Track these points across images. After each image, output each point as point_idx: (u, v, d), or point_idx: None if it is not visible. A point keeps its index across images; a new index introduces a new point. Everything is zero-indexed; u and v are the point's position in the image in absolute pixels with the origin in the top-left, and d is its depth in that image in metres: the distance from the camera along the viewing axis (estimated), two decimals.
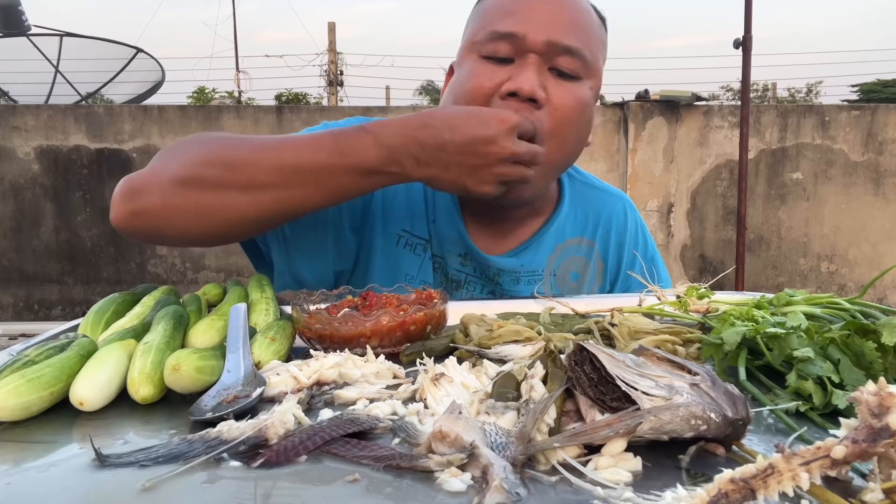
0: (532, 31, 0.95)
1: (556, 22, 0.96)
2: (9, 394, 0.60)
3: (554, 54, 0.96)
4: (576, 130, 1.01)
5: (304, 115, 5.73)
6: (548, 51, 0.96)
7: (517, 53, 0.97)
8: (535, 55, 0.96)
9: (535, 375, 0.57)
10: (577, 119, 0.99)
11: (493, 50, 0.97)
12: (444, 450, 0.50)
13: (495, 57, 0.97)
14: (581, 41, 0.98)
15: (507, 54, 0.97)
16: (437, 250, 1.11)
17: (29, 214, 5.69)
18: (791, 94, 20.65)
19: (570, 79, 0.98)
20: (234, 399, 0.62)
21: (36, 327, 4.85)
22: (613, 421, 0.49)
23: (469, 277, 1.12)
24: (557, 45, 0.96)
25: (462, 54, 1.04)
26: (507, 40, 0.96)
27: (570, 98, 0.97)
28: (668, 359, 0.56)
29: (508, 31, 0.96)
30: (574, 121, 0.99)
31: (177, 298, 0.91)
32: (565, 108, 0.97)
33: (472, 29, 1.04)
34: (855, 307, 0.77)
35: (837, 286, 5.73)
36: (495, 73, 0.97)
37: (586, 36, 1.00)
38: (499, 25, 0.97)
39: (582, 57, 0.98)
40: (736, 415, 0.50)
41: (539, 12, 0.97)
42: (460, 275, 1.12)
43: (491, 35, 0.97)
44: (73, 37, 9.52)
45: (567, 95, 0.97)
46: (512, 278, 1.12)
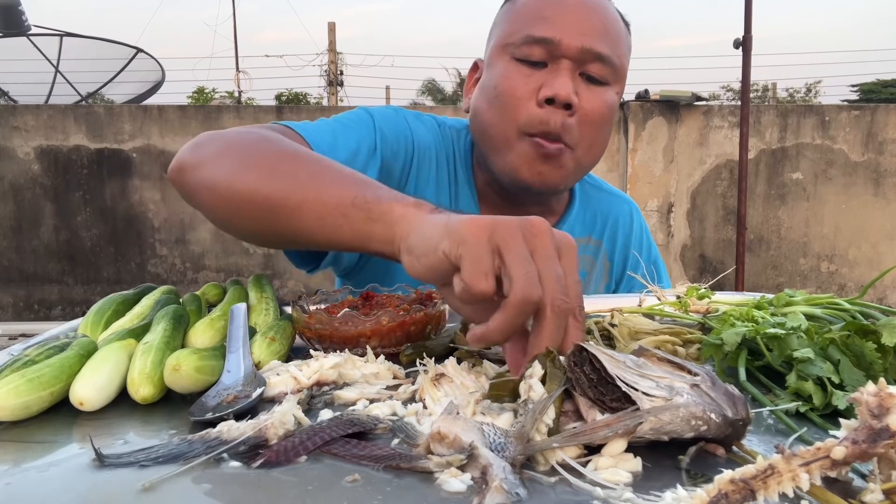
0: (566, 37, 0.98)
1: (588, 29, 0.99)
2: (9, 394, 0.60)
3: (586, 61, 1.00)
4: (603, 134, 1.06)
5: (304, 115, 5.73)
6: (581, 57, 0.99)
7: (550, 58, 0.99)
8: (569, 61, 0.99)
9: (533, 375, 0.57)
10: (605, 123, 1.05)
11: (527, 53, 1.00)
12: (443, 451, 0.50)
13: (529, 60, 1.00)
14: (611, 48, 1.02)
15: (540, 58, 1.00)
16: None
17: (29, 214, 5.69)
18: (790, 95, 20.65)
19: (600, 84, 1.02)
20: (234, 399, 0.62)
21: (36, 327, 4.85)
22: (613, 421, 0.49)
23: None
24: (590, 52, 0.99)
25: (493, 53, 1.06)
26: (542, 45, 0.99)
27: (599, 103, 1.02)
28: (668, 359, 0.56)
29: (544, 37, 0.98)
30: (602, 125, 1.04)
31: (177, 298, 0.91)
32: (595, 112, 1.01)
33: (504, 30, 1.05)
34: (855, 307, 0.77)
35: (837, 286, 5.73)
36: (529, 76, 1.00)
37: (616, 43, 1.03)
38: (534, 30, 0.99)
39: (612, 64, 1.02)
40: (736, 415, 0.50)
41: (573, 18, 0.99)
42: None
43: (525, 38, 1.00)
44: (73, 37, 9.52)
45: (597, 100, 1.01)
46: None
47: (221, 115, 5.77)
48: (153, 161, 5.66)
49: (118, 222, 5.73)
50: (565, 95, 0.97)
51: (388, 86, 14.13)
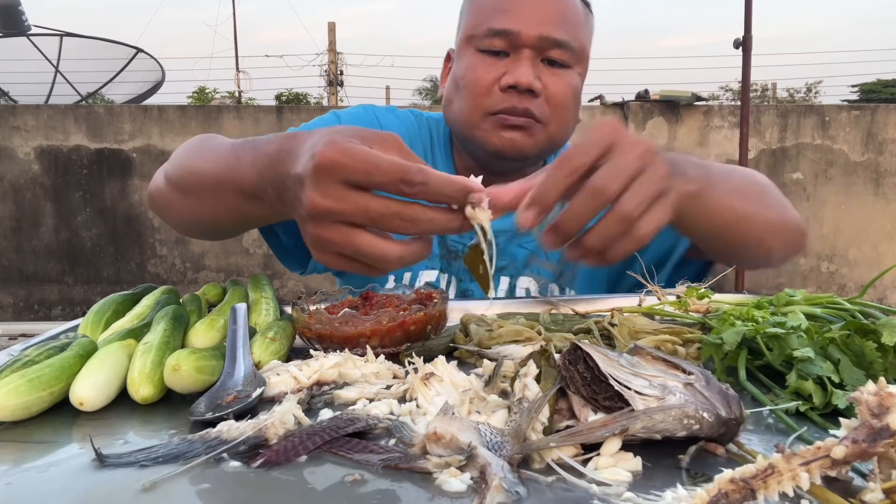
0: (525, 27, 1.04)
1: (546, 17, 1.05)
2: (9, 394, 0.60)
3: (546, 48, 1.05)
4: (570, 113, 1.12)
5: (305, 115, 5.74)
6: (540, 45, 1.05)
7: (512, 48, 1.06)
8: (529, 49, 1.05)
9: (528, 374, 0.57)
10: (570, 103, 1.10)
11: (490, 45, 1.06)
12: (440, 451, 0.50)
13: (492, 51, 1.07)
14: (569, 33, 1.07)
15: (502, 48, 1.06)
16: None
17: (29, 214, 5.69)
18: (790, 95, 20.63)
19: (562, 67, 1.08)
20: (234, 399, 0.62)
21: (36, 327, 4.85)
22: (610, 421, 0.49)
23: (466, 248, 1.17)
24: (548, 39, 1.05)
25: (460, 45, 1.13)
26: (503, 36, 1.05)
27: (563, 86, 1.08)
28: (662, 358, 0.56)
29: (503, 28, 1.05)
30: (568, 105, 1.10)
31: (177, 298, 0.91)
32: (559, 94, 1.07)
33: (469, 22, 1.12)
34: (855, 307, 0.77)
35: (837, 286, 5.73)
36: (493, 66, 1.06)
37: (574, 26, 1.08)
38: (494, 22, 1.05)
39: (571, 48, 1.07)
40: (729, 414, 0.50)
41: (530, 8, 1.05)
42: (458, 245, 1.19)
43: (487, 31, 1.06)
44: (73, 37, 9.52)
45: (560, 83, 1.07)
46: (507, 237, 1.18)
47: (221, 114, 5.78)
48: (153, 161, 5.66)
49: (118, 222, 5.73)
50: (526, 82, 1.03)
51: (388, 86, 14.13)
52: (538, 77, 1.05)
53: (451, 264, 1.19)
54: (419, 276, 1.19)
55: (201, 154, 0.86)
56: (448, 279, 1.19)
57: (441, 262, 1.20)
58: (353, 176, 0.58)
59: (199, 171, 0.84)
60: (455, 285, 1.19)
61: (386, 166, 0.58)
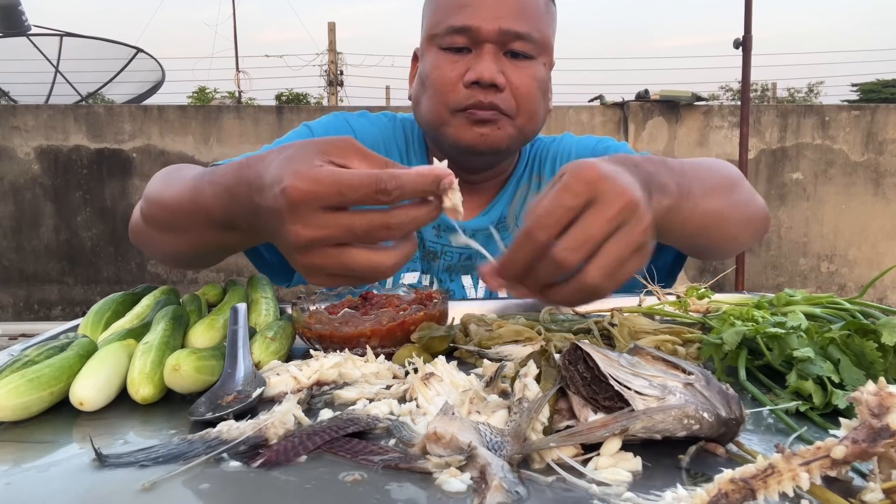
0: (484, 22, 1.05)
1: (504, 11, 1.05)
2: (9, 394, 0.60)
3: (507, 41, 1.06)
4: (537, 103, 1.12)
5: (304, 115, 5.74)
6: (501, 39, 1.05)
7: (473, 44, 1.06)
8: (490, 44, 1.06)
9: (528, 374, 0.57)
10: (536, 94, 1.10)
11: (451, 42, 1.07)
12: (440, 451, 0.50)
13: (453, 48, 1.08)
14: (530, 24, 1.07)
15: (464, 44, 1.07)
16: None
17: (29, 214, 5.69)
18: (791, 95, 20.62)
19: (525, 59, 1.08)
20: (234, 399, 0.62)
21: (36, 327, 4.85)
22: (610, 421, 0.49)
23: (445, 248, 1.21)
24: (509, 33, 1.05)
25: (424, 44, 1.14)
26: (463, 33, 1.06)
27: (527, 78, 1.08)
28: (662, 358, 0.56)
29: (463, 25, 1.05)
30: (534, 96, 1.10)
31: (177, 298, 0.91)
32: (524, 86, 1.08)
33: (430, 21, 1.12)
34: (855, 307, 0.77)
35: (837, 286, 5.73)
36: (456, 63, 1.07)
37: (535, 17, 1.08)
38: (454, 20, 1.06)
39: (532, 39, 1.07)
40: (730, 414, 0.50)
41: (489, 2, 1.05)
42: (436, 245, 1.21)
43: (448, 29, 1.07)
44: (73, 37, 9.51)
45: (524, 76, 1.08)
46: (485, 235, 1.18)
47: (221, 114, 5.78)
48: (153, 161, 5.66)
49: (118, 222, 5.73)
50: (489, 77, 1.04)
51: (388, 86, 14.11)
52: (501, 71, 1.05)
53: (431, 265, 1.20)
54: (401, 278, 1.20)
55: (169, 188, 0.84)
56: (430, 280, 1.21)
57: (421, 263, 1.21)
58: (328, 201, 0.57)
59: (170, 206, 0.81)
60: (437, 286, 1.20)
61: (357, 182, 0.57)
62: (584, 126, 5.65)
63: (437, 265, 1.21)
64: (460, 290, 1.21)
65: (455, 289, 1.20)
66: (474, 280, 1.21)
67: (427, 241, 1.21)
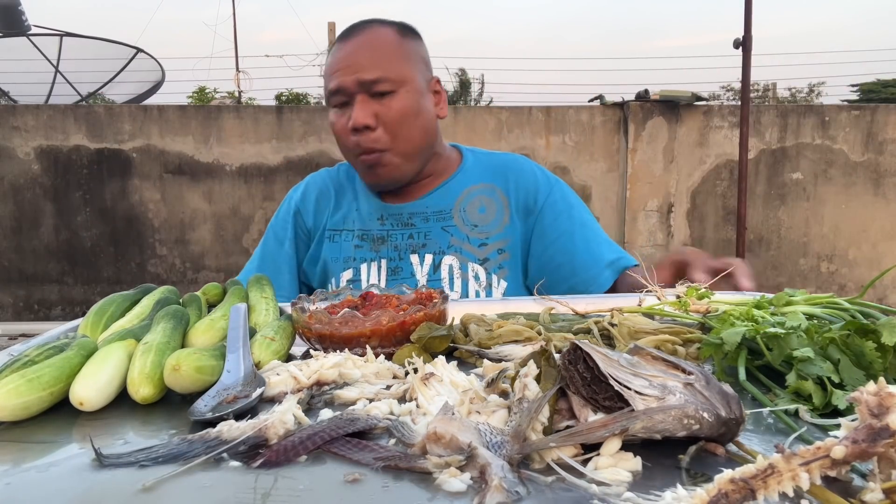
0: (345, 80, 1.27)
1: (356, 66, 1.27)
2: (9, 394, 0.60)
3: (367, 87, 1.27)
4: (411, 128, 1.30)
5: (304, 115, 5.73)
6: (362, 88, 1.27)
7: (349, 97, 1.29)
8: (359, 94, 1.27)
9: (528, 374, 0.57)
10: (406, 121, 1.29)
11: (336, 101, 1.31)
12: (440, 451, 0.50)
13: (338, 105, 1.31)
14: (382, 67, 1.27)
15: (344, 100, 1.30)
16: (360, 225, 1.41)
17: (29, 214, 5.68)
18: (792, 94, 20.59)
19: (390, 94, 1.28)
20: (234, 399, 0.62)
21: (36, 327, 4.85)
22: (610, 421, 0.49)
23: (390, 232, 1.39)
24: (365, 81, 1.26)
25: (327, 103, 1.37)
26: (338, 94, 1.29)
27: (393, 111, 1.28)
28: (662, 358, 0.56)
29: (334, 88, 1.29)
30: (405, 123, 1.29)
31: (177, 298, 0.91)
32: (392, 118, 1.28)
33: (324, 88, 1.36)
34: (855, 307, 0.77)
35: (837, 286, 5.73)
36: (342, 116, 1.31)
37: (385, 60, 1.28)
38: (331, 84, 1.30)
39: (386, 79, 1.27)
40: (729, 414, 0.50)
41: (345, 63, 1.29)
42: (382, 231, 1.39)
43: (329, 93, 1.32)
44: (73, 37, 9.50)
45: (389, 109, 1.28)
46: (421, 218, 1.38)
47: (221, 114, 5.77)
48: (153, 161, 5.66)
49: (118, 222, 5.73)
50: (360, 122, 1.26)
51: None
52: (374, 113, 1.26)
53: (380, 249, 1.38)
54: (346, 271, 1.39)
55: None
56: (378, 264, 1.37)
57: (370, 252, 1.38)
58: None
59: None
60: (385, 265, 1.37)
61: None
62: (584, 126, 5.65)
63: (385, 248, 1.38)
64: (408, 266, 1.36)
65: (404, 266, 1.36)
66: (421, 258, 1.36)
67: (374, 231, 1.39)
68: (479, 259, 1.36)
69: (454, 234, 1.36)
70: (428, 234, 1.37)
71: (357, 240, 1.41)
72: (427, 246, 1.37)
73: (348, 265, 1.39)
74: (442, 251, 1.36)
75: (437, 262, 1.36)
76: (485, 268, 1.35)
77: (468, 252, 1.36)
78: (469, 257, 1.36)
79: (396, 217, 1.39)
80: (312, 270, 1.47)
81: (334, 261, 1.41)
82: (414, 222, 1.39)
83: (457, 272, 1.35)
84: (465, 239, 1.36)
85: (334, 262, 1.41)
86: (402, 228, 1.39)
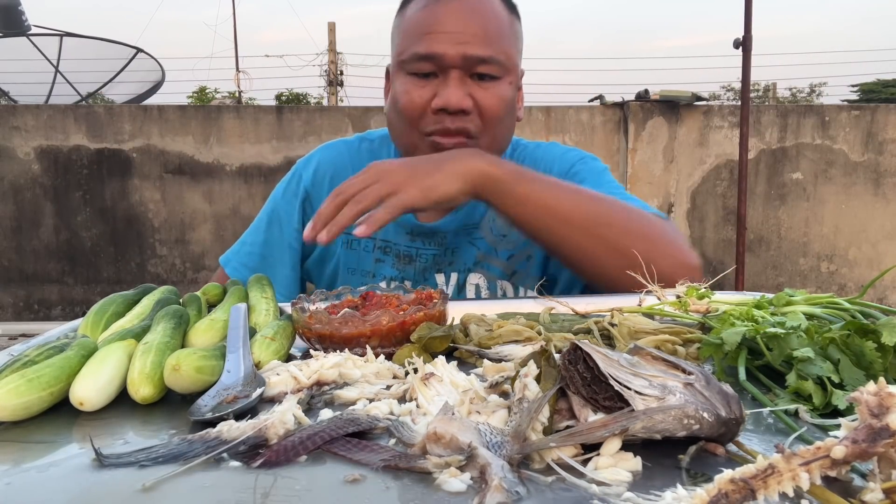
0: (448, 48, 1.07)
1: (467, 36, 1.07)
2: (9, 394, 0.60)
3: (472, 65, 1.08)
4: (505, 124, 1.15)
5: (305, 115, 5.74)
6: (465, 64, 1.08)
7: (439, 69, 1.09)
8: (456, 69, 1.08)
9: (528, 374, 0.57)
10: (504, 115, 1.13)
11: (418, 68, 1.10)
12: (440, 451, 0.50)
13: (420, 73, 1.11)
14: (494, 48, 1.09)
15: (430, 70, 1.10)
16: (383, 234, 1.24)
17: (29, 214, 5.68)
18: (793, 94, 20.60)
19: (492, 80, 1.10)
20: (233, 399, 0.62)
21: (36, 327, 4.85)
22: (610, 421, 0.49)
23: (420, 251, 1.24)
24: (473, 58, 1.08)
25: (394, 68, 1.17)
26: (429, 60, 1.09)
27: (494, 99, 1.11)
28: (662, 358, 0.56)
29: (428, 53, 1.08)
30: (501, 117, 1.13)
31: (177, 298, 0.91)
32: (492, 108, 1.10)
33: (398, 46, 1.16)
34: (855, 307, 0.77)
35: (837, 286, 5.73)
36: (423, 88, 1.10)
37: (498, 40, 1.10)
38: (419, 47, 1.09)
39: (497, 61, 1.10)
40: (729, 414, 0.50)
41: (451, 29, 1.08)
42: (411, 250, 1.24)
43: (413, 56, 1.10)
44: (73, 37, 9.50)
45: (491, 98, 1.10)
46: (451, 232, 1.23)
47: (221, 114, 5.77)
48: (153, 161, 5.66)
49: (118, 222, 5.73)
50: (455, 104, 1.07)
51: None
52: (469, 94, 1.08)
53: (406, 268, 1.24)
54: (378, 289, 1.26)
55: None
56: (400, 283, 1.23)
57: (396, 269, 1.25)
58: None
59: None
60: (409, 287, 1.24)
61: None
62: (584, 126, 5.65)
63: (412, 268, 1.24)
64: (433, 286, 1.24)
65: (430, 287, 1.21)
66: (446, 277, 1.25)
67: (402, 247, 1.24)
68: (506, 274, 1.23)
69: (480, 248, 1.23)
70: (456, 251, 1.23)
71: (378, 252, 1.24)
72: (454, 264, 1.23)
73: (366, 280, 1.24)
74: (467, 269, 1.23)
75: (462, 281, 1.23)
76: (513, 282, 1.24)
77: (495, 268, 1.23)
78: (496, 273, 1.23)
79: (428, 236, 1.23)
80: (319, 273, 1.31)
81: (350, 272, 1.26)
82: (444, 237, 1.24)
83: (484, 292, 1.23)
84: (492, 252, 1.23)
85: (350, 274, 1.26)
86: (433, 247, 1.23)
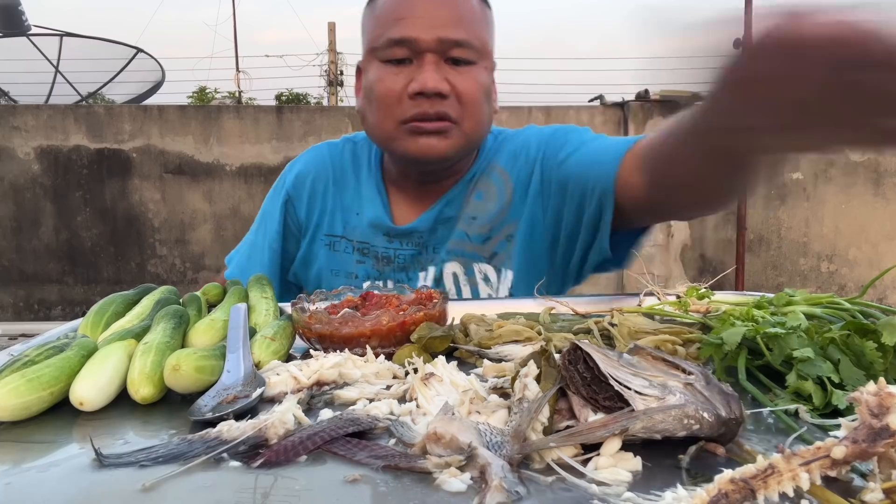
0: (422, 32, 1.05)
1: (441, 20, 1.06)
2: (9, 394, 0.60)
3: (447, 48, 1.07)
4: (483, 108, 1.12)
5: (305, 115, 5.74)
6: (440, 48, 1.06)
7: (414, 55, 1.07)
8: (431, 53, 1.06)
9: (528, 374, 0.57)
10: (481, 99, 1.11)
11: (391, 55, 1.08)
12: (440, 451, 0.50)
13: (394, 60, 1.08)
14: (468, 31, 1.08)
15: (404, 56, 1.08)
16: (361, 236, 1.24)
17: (29, 214, 5.68)
18: None
19: (467, 64, 1.09)
20: (233, 399, 0.62)
21: (36, 327, 4.85)
22: (610, 421, 0.49)
23: (397, 251, 1.22)
24: (448, 41, 1.06)
25: (365, 58, 1.15)
26: (402, 45, 1.07)
27: (471, 83, 1.09)
28: (663, 358, 0.56)
29: (402, 37, 1.06)
30: (479, 101, 1.11)
31: (177, 298, 0.91)
32: (469, 92, 1.08)
33: (370, 34, 1.13)
34: (855, 307, 0.77)
35: (837, 286, 5.73)
36: (398, 74, 1.08)
37: (472, 24, 1.09)
38: (392, 32, 1.07)
39: (472, 45, 1.08)
40: (729, 414, 0.50)
41: (424, 13, 1.06)
42: (389, 251, 1.23)
43: (387, 42, 1.08)
44: (73, 37, 9.50)
45: (468, 81, 1.08)
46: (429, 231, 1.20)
47: (221, 114, 5.77)
48: (153, 161, 5.66)
49: (118, 222, 5.73)
50: (432, 86, 1.05)
51: None
52: (445, 78, 1.06)
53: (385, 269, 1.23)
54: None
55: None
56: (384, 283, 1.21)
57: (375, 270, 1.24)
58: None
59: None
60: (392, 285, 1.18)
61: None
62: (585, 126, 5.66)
63: (390, 268, 1.23)
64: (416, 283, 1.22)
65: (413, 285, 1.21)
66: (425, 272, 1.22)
67: (379, 249, 1.23)
68: (484, 257, 1.19)
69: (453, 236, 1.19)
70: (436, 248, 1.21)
71: (358, 254, 1.24)
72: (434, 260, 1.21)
73: (350, 281, 1.22)
74: (441, 260, 1.20)
75: (438, 273, 1.20)
76: (494, 265, 1.18)
77: (471, 252, 1.19)
78: (473, 258, 1.19)
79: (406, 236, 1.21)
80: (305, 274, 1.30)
81: (334, 273, 1.25)
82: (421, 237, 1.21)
83: (462, 279, 1.19)
84: (464, 238, 1.19)
85: (334, 276, 1.25)
86: (410, 247, 1.21)
